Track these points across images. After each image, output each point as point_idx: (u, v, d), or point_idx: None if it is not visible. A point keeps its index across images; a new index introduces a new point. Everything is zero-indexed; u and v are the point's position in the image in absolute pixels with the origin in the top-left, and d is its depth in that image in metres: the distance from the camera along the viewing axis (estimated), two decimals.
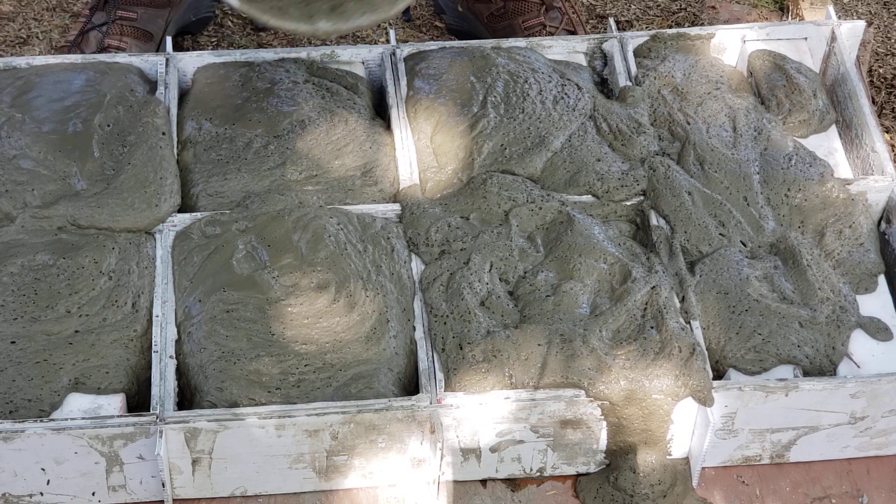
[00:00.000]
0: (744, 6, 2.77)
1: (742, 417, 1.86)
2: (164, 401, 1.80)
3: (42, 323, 1.87)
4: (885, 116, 2.63)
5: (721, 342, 1.92)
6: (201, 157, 2.11)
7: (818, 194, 2.08)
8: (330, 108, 2.18)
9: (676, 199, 2.05)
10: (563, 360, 1.84)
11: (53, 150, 2.06)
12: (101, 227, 1.98)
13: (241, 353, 1.86)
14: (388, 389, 1.84)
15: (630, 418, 1.84)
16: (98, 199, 2.00)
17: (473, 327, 1.88)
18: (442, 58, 2.27)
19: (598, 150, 2.13)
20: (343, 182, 2.10)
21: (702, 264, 1.99)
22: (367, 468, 1.85)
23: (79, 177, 2.03)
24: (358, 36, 2.70)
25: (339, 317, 1.90)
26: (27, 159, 2.05)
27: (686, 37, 2.33)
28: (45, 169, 2.04)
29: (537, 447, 1.87)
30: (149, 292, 1.93)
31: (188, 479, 1.83)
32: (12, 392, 1.80)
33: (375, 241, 1.99)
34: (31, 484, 1.81)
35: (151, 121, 2.11)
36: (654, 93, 2.24)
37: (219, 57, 2.28)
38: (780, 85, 2.26)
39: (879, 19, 2.81)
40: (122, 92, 2.16)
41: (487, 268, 1.97)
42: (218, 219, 2.01)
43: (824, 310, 1.95)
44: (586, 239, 1.99)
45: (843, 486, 1.92)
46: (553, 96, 2.19)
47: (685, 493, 1.88)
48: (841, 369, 1.91)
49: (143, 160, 2.05)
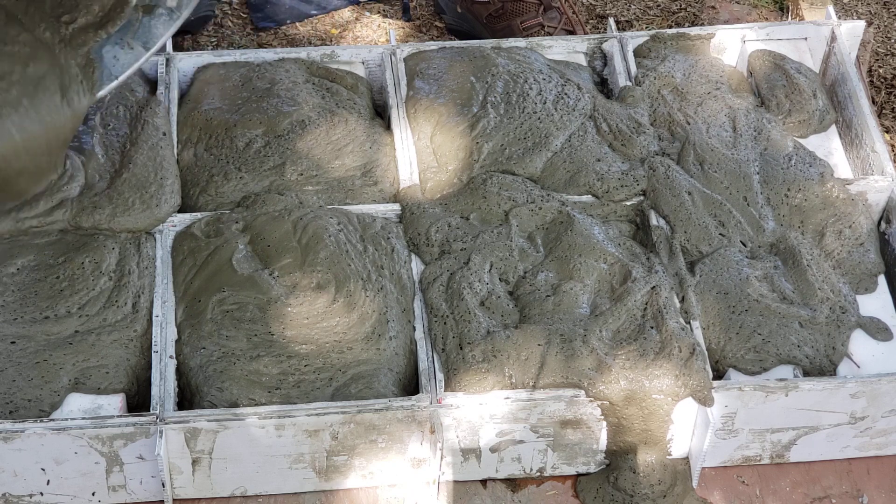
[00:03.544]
0: (744, 6, 2.77)
1: (742, 417, 1.86)
2: (164, 401, 1.80)
3: (42, 323, 1.87)
4: (885, 116, 2.63)
5: (721, 342, 1.92)
6: (201, 157, 2.11)
7: (818, 194, 2.08)
8: (330, 108, 2.18)
9: (676, 199, 2.06)
10: (563, 360, 1.84)
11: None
12: (102, 227, 1.98)
13: (241, 353, 1.86)
14: (388, 389, 1.84)
15: (630, 418, 1.84)
16: (99, 201, 2.00)
17: (473, 327, 1.88)
18: (442, 58, 2.27)
19: (598, 150, 2.14)
20: (343, 182, 2.10)
21: (702, 264, 1.99)
22: (367, 468, 1.85)
23: (81, 177, 2.03)
24: (358, 36, 2.70)
25: (339, 317, 1.90)
26: None
27: (686, 37, 2.33)
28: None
29: (537, 447, 1.87)
30: (149, 292, 1.93)
31: (188, 479, 1.83)
32: (12, 392, 1.80)
33: (375, 242, 1.99)
34: (31, 484, 1.81)
35: (152, 121, 2.11)
36: (654, 93, 2.24)
37: (219, 57, 2.28)
38: (780, 85, 2.26)
39: (879, 19, 2.81)
40: (122, 92, 2.16)
41: (487, 268, 1.97)
42: (218, 219, 2.01)
43: (824, 310, 1.95)
44: (586, 239, 1.99)
45: (843, 486, 1.92)
46: (553, 96, 2.19)
47: (685, 493, 1.88)
48: (841, 369, 1.91)
49: (144, 160, 2.05)
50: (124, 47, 1.89)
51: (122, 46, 1.89)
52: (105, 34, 1.88)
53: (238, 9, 2.74)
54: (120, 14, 1.88)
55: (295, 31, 2.70)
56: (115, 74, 1.90)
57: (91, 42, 1.87)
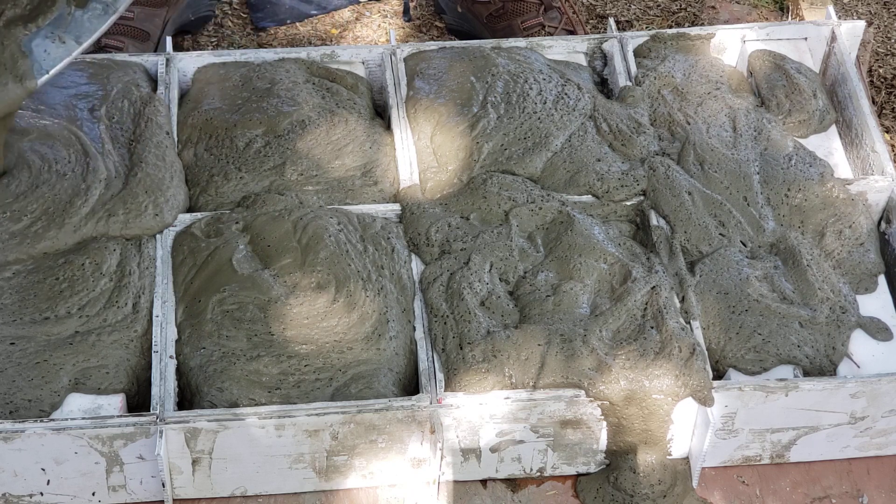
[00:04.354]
0: (744, 6, 2.77)
1: (742, 417, 1.86)
2: (164, 401, 1.80)
3: (42, 324, 1.87)
4: (885, 116, 2.63)
5: (721, 342, 1.92)
6: (201, 157, 2.11)
7: (818, 194, 2.08)
8: (330, 108, 2.18)
9: (676, 199, 2.06)
10: (563, 360, 1.84)
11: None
12: (114, 236, 1.98)
13: (241, 353, 1.86)
14: (388, 389, 1.84)
15: (630, 418, 1.84)
16: (113, 207, 1.98)
17: (473, 327, 1.88)
18: (442, 58, 2.27)
19: (598, 150, 2.14)
20: (343, 182, 2.10)
21: (702, 264, 1.99)
22: (368, 468, 1.85)
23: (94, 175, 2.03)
24: (358, 36, 2.70)
25: (339, 317, 1.90)
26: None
27: (686, 37, 2.33)
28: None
29: (537, 447, 1.87)
30: (149, 293, 1.93)
31: (188, 479, 1.83)
32: (12, 392, 1.80)
33: (375, 242, 1.99)
34: (31, 484, 1.81)
35: (155, 119, 2.12)
36: (654, 93, 2.24)
37: (219, 57, 2.28)
38: (780, 85, 2.26)
39: (879, 19, 2.81)
40: (128, 87, 2.16)
41: (487, 268, 1.97)
42: (218, 219, 2.01)
43: (824, 310, 1.95)
44: (586, 239, 1.99)
45: (843, 486, 1.92)
46: (553, 96, 2.19)
47: (685, 493, 1.88)
48: (841, 369, 1.91)
49: (154, 160, 2.05)
50: (55, 41, 1.88)
51: (54, 40, 1.88)
52: (35, 27, 1.87)
53: (238, 9, 2.74)
54: (50, 7, 1.87)
55: (295, 31, 2.70)
56: (45, 69, 1.88)
57: (20, 35, 1.86)
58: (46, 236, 1.95)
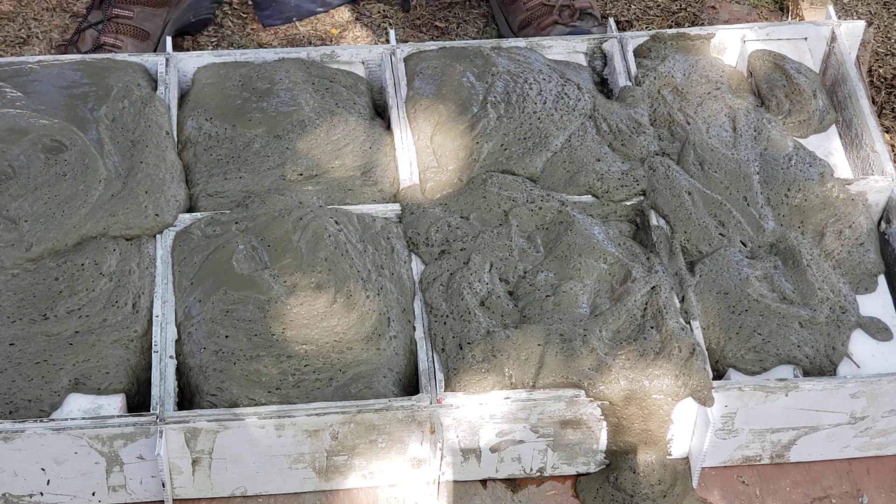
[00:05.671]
0: (744, 6, 2.77)
1: (742, 417, 1.86)
2: (164, 401, 1.80)
3: (42, 324, 1.87)
4: (885, 116, 2.63)
5: (721, 342, 1.92)
6: (201, 157, 2.11)
7: (818, 194, 2.08)
8: (330, 108, 2.18)
9: (676, 199, 2.06)
10: (563, 360, 1.84)
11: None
12: (114, 235, 1.98)
13: (240, 353, 1.86)
14: (388, 389, 1.84)
15: (630, 418, 1.84)
16: (113, 207, 1.99)
17: (473, 327, 1.88)
18: (442, 58, 2.27)
19: (598, 150, 2.13)
20: (343, 182, 2.10)
21: (702, 264, 1.99)
22: (368, 468, 1.85)
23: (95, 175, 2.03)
24: (358, 36, 2.70)
25: (338, 317, 1.90)
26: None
27: (686, 37, 2.33)
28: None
29: (537, 447, 1.87)
30: (149, 293, 1.93)
31: (188, 479, 1.83)
32: (12, 392, 1.80)
33: (375, 242, 1.99)
34: (31, 484, 1.81)
35: (155, 119, 2.12)
36: (654, 93, 2.24)
37: (219, 57, 2.28)
38: (780, 85, 2.26)
39: (879, 19, 2.81)
40: (128, 86, 2.16)
41: (487, 268, 1.97)
42: (218, 219, 2.01)
43: (824, 310, 1.95)
44: (586, 239, 1.99)
45: (843, 486, 1.92)
46: (553, 96, 2.19)
47: (685, 493, 1.88)
48: (841, 369, 1.91)
49: (155, 161, 2.05)
50: None
51: None
52: None
53: (238, 9, 2.74)
54: None
55: (295, 31, 2.70)
56: None
57: None
58: (46, 237, 1.95)
